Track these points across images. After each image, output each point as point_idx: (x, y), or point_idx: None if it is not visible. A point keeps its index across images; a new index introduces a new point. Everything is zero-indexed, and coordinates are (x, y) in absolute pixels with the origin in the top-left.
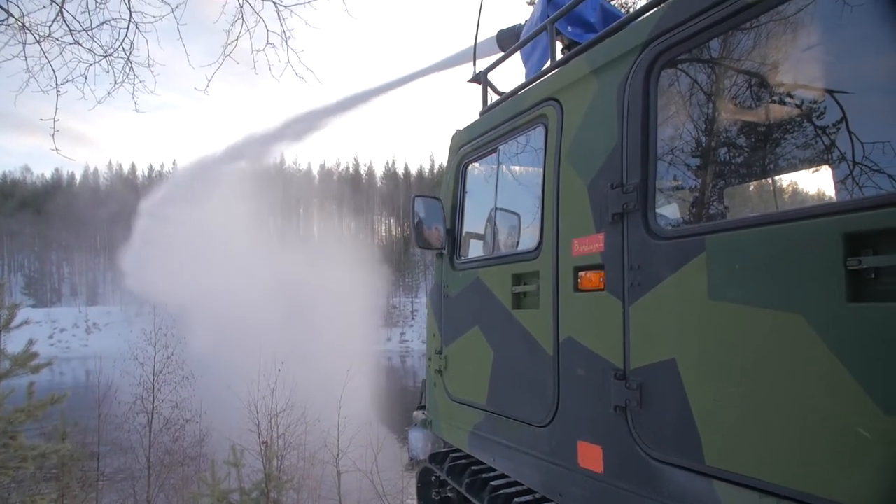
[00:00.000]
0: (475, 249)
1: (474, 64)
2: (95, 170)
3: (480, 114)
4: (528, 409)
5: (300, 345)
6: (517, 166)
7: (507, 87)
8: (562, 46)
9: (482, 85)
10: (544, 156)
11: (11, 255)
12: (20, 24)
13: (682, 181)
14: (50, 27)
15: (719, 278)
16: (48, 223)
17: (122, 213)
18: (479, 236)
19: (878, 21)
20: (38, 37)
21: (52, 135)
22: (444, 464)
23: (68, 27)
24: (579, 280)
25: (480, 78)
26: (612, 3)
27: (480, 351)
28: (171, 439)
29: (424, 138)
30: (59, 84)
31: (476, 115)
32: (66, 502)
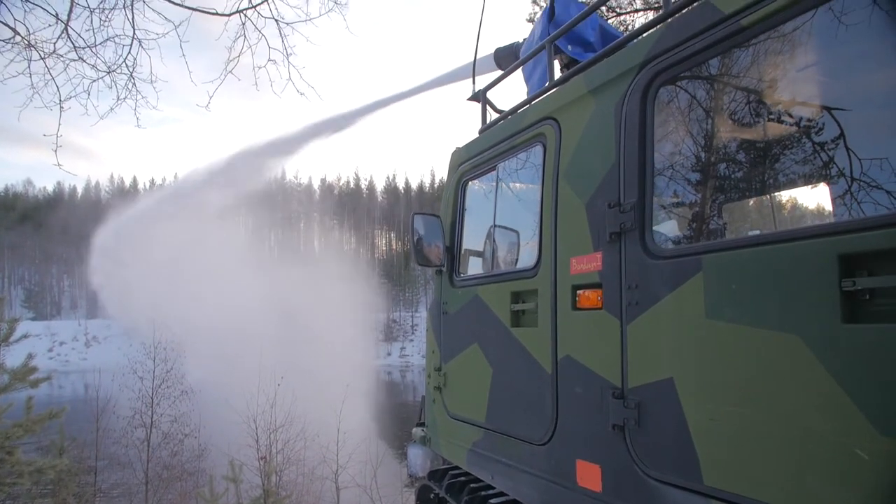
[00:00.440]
0: (474, 267)
1: (473, 82)
2: (97, 183)
3: (480, 132)
4: (526, 427)
5: (300, 359)
6: (516, 184)
7: (506, 105)
8: (560, 66)
9: (481, 103)
10: (542, 174)
11: (12, 268)
12: (26, 41)
13: (678, 201)
14: (55, 44)
15: (716, 298)
16: (49, 236)
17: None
18: (478, 254)
19: (872, 40)
20: (42, 54)
21: (55, 150)
22: (443, 481)
23: (73, 44)
24: (577, 298)
25: (479, 96)
26: (609, 22)
27: (479, 368)
28: (169, 454)
29: (425, 153)
30: (63, 100)
31: (475, 133)
32: None
